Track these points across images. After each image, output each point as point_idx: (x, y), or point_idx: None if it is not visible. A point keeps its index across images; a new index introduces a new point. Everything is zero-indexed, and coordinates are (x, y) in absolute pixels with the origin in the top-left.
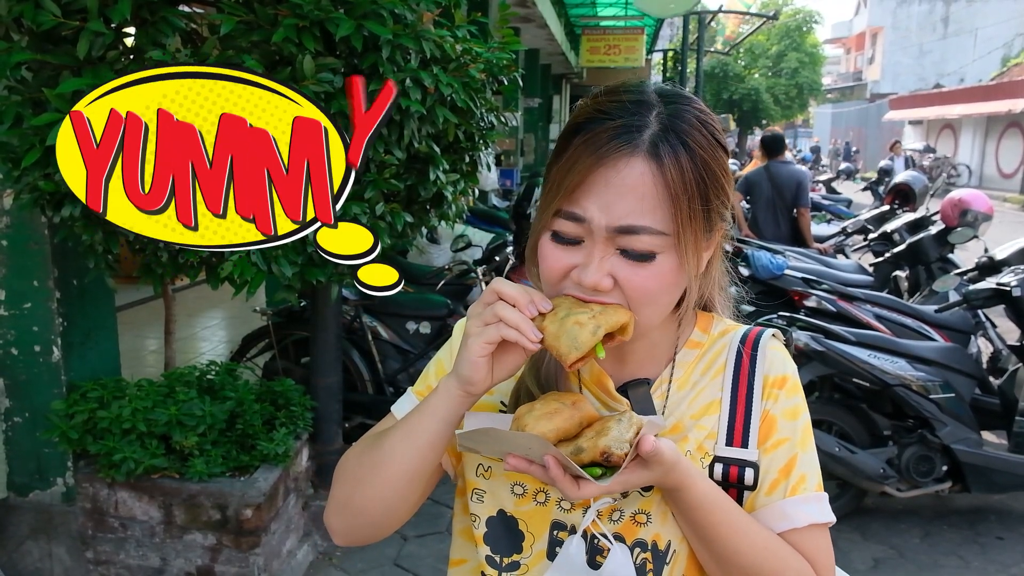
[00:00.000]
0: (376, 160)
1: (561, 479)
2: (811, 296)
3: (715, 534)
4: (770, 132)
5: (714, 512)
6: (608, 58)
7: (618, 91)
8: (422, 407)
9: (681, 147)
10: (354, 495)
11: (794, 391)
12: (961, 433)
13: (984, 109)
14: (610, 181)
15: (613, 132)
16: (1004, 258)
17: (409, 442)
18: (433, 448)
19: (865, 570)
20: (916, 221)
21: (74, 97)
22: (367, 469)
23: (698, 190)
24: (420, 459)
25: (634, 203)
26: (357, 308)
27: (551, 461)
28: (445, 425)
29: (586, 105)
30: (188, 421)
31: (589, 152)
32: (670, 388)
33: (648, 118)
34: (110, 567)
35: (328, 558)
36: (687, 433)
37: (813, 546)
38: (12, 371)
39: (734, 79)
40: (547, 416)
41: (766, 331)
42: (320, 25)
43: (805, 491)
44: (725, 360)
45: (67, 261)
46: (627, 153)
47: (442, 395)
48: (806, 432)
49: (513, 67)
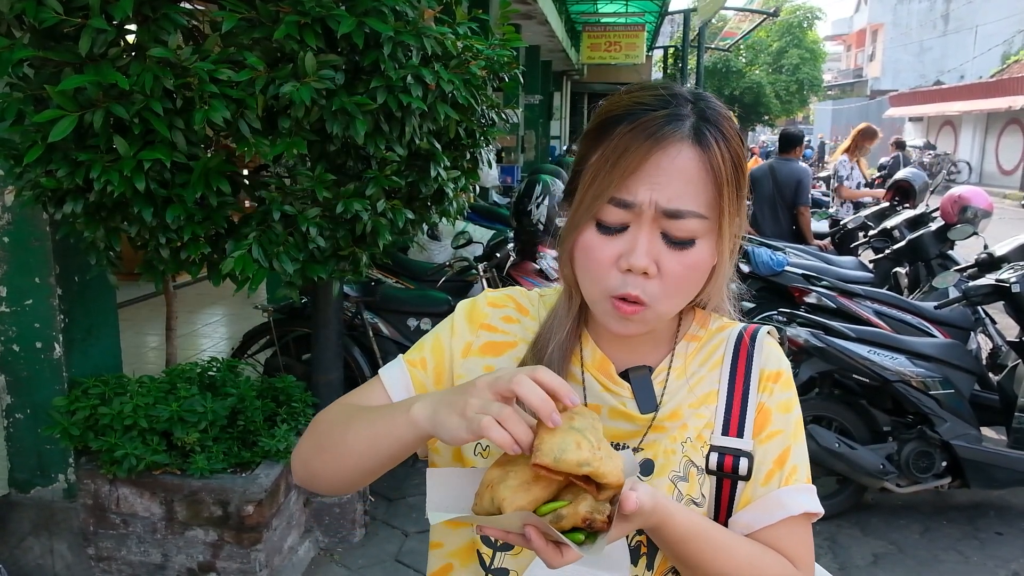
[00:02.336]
0: (377, 157)
1: (543, 548)
2: (811, 292)
3: (700, 559)
4: (791, 129)
5: (696, 540)
6: (609, 55)
7: (650, 87)
8: (390, 420)
9: (720, 135)
10: (312, 459)
11: (787, 386)
12: (960, 429)
13: (984, 106)
14: (662, 165)
15: (664, 119)
16: (1004, 254)
17: (371, 444)
18: (393, 458)
19: (865, 566)
20: (916, 218)
21: (76, 94)
22: (329, 445)
23: (735, 177)
24: (378, 461)
25: (682, 186)
26: (358, 305)
27: (533, 533)
28: (408, 448)
29: (620, 99)
30: (189, 417)
31: (643, 137)
32: (668, 376)
33: (687, 109)
34: (111, 563)
35: (329, 555)
36: (686, 421)
37: (798, 539)
38: (14, 367)
39: (735, 75)
40: (524, 487)
41: (762, 328)
42: (322, 22)
43: (798, 481)
44: (723, 353)
45: (68, 258)
46: (678, 138)
47: (410, 427)
48: (798, 425)
49: (514, 64)
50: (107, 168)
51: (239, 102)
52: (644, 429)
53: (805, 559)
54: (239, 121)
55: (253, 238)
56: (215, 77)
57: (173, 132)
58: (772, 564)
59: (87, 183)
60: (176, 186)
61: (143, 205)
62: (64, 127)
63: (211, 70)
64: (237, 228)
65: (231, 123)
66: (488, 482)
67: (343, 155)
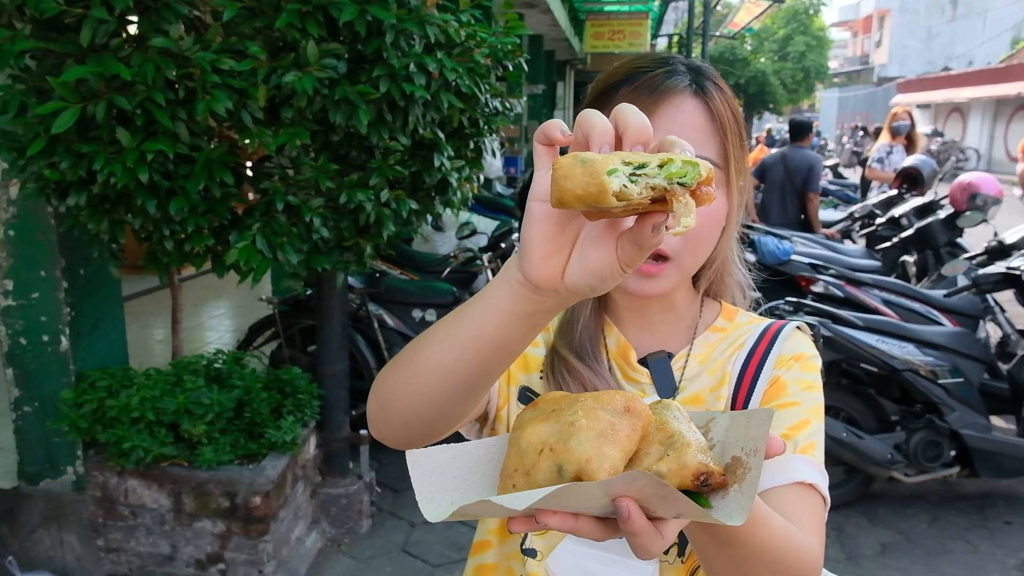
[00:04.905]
0: (381, 147)
1: (646, 529)
2: (818, 281)
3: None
4: (800, 117)
5: (759, 513)
6: (612, 43)
7: (645, 55)
8: (478, 294)
9: (717, 88)
10: (387, 379)
11: (810, 368)
12: (969, 418)
13: (993, 92)
14: (670, 114)
15: (664, 75)
16: (1014, 242)
17: (453, 342)
18: (481, 353)
19: (872, 555)
20: (924, 205)
21: (78, 85)
22: (410, 353)
23: (736, 128)
24: (463, 365)
25: (691, 134)
26: (363, 296)
27: (633, 509)
28: (500, 327)
29: (617, 68)
30: (196, 409)
31: (647, 92)
32: (688, 362)
33: (682, 67)
34: (121, 554)
35: (336, 545)
36: (708, 405)
37: (809, 509)
38: (21, 361)
39: (740, 63)
40: (604, 437)
41: (792, 321)
42: (323, 10)
43: (814, 457)
44: (744, 341)
45: (74, 251)
46: (680, 89)
47: (500, 282)
48: (819, 409)
49: (518, 52)
50: (110, 160)
51: (241, 92)
52: None
53: (817, 531)
54: (241, 111)
55: (257, 229)
56: (217, 67)
57: (176, 123)
58: (799, 537)
59: (90, 175)
60: (179, 177)
61: (146, 197)
62: (67, 119)
63: (213, 60)
64: (241, 219)
65: (233, 113)
66: (539, 444)
67: (346, 145)
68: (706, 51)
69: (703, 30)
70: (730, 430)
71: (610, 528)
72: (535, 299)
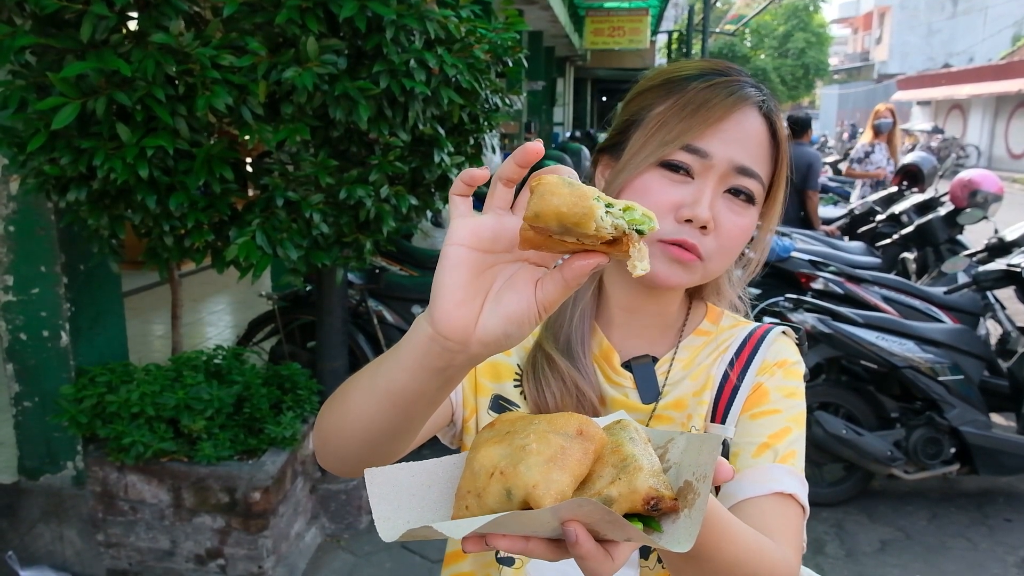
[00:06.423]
0: (381, 142)
1: (594, 554)
2: (818, 278)
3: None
4: (798, 114)
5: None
6: (612, 40)
7: (706, 60)
8: (393, 348)
9: (779, 114)
10: (323, 421)
11: (793, 374)
12: (969, 415)
13: (993, 89)
14: (741, 123)
15: (739, 83)
16: (1014, 239)
17: (372, 392)
18: (397, 405)
19: (872, 552)
20: (924, 202)
21: (78, 81)
22: (339, 396)
23: (785, 156)
24: (382, 415)
25: (754, 149)
26: (363, 292)
27: (580, 533)
28: (413, 381)
29: (684, 64)
30: (196, 405)
31: (725, 94)
32: (672, 366)
33: (752, 80)
34: (120, 550)
35: (336, 540)
36: (691, 411)
37: (786, 520)
38: (21, 356)
39: (740, 60)
40: (553, 462)
41: (777, 327)
42: (323, 6)
43: (794, 466)
44: (729, 345)
45: (74, 246)
46: (754, 103)
47: (410, 337)
48: (801, 417)
49: (518, 48)
50: (110, 155)
51: (241, 88)
52: (646, 419)
53: (794, 542)
54: (241, 107)
55: (257, 225)
56: (217, 63)
57: (176, 119)
58: (772, 549)
59: (90, 171)
60: (179, 173)
61: (146, 192)
62: (67, 114)
63: (213, 56)
64: (241, 215)
65: (233, 109)
66: (490, 468)
67: (346, 141)
68: (706, 47)
69: (703, 26)
70: (685, 452)
71: (561, 549)
72: (445, 355)
